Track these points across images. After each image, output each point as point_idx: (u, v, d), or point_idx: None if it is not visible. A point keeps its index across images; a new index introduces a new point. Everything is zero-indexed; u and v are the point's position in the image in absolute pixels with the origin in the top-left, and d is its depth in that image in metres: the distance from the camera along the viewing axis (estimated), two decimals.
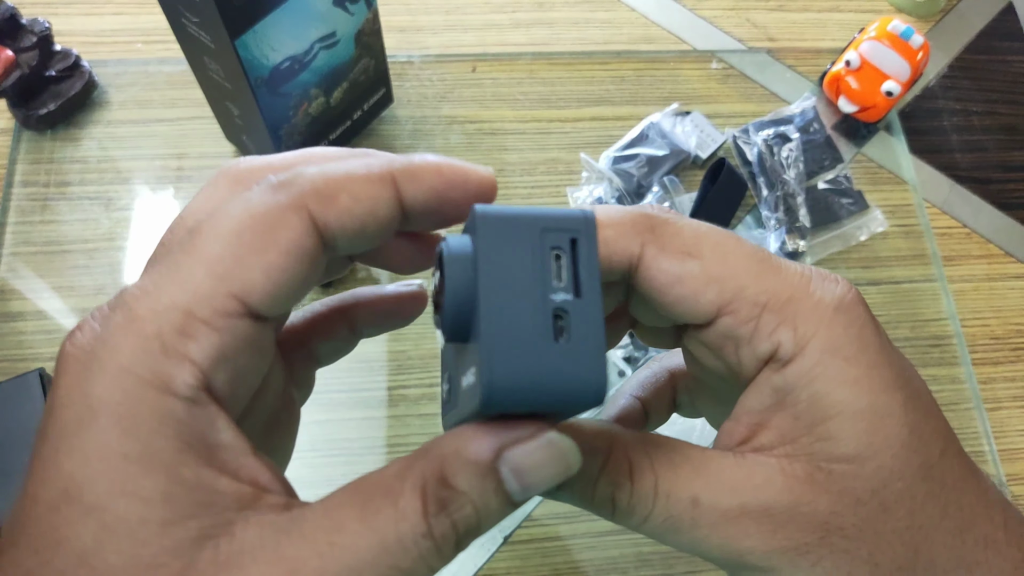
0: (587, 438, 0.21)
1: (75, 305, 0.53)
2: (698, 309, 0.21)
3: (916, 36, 0.61)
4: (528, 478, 0.17)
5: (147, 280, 0.17)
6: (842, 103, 0.62)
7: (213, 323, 0.16)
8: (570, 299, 0.18)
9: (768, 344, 0.21)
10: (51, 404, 0.17)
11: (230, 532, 0.16)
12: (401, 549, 0.16)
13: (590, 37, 0.67)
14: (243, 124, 0.53)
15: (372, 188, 0.18)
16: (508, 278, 0.18)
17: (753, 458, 0.21)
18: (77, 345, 0.17)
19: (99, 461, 0.15)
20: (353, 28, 0.51)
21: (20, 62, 0.57)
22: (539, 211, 0.18)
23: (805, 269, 0.21)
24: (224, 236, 0.17)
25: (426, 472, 0.17)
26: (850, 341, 0.20)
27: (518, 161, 0.60)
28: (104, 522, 0.15)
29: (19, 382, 0.46)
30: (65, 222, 0.56)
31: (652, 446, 0.21)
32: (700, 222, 0.22)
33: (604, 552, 0.48)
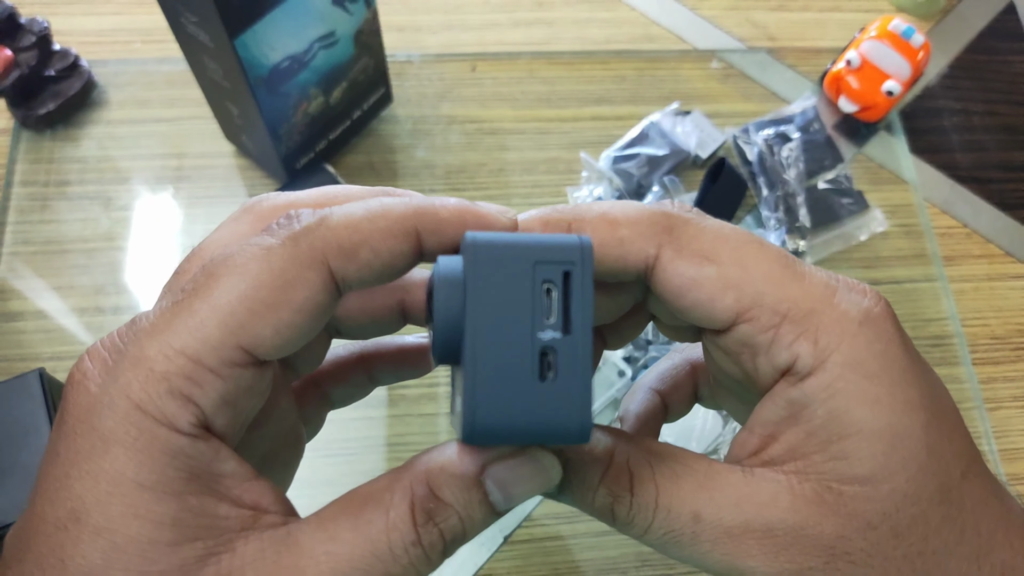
0: (589, 446, 0.21)
1: (75, 305, 0.53)
2: (714, 315, 0.20)
3: (917, 36, 0.61)
4: (511, 490, 0.19)
5: (160, 317, 0.18)
6: (842, 103, 0.62)
7: (219, 372, 0.17)
8: (559, 337, 0.18)
9: (787, 355, 0.20)
10: (62, 429, 0.18)
11: (232, 549, 0.17)
12: (392, 557, 0.18)
13: (590, 36, 0.67)
14: (242, 124, 0.53)
15: (395, 243, 0.19)
16: (496, 313, 0.17)
17: (761, 473, 0.20)
18: (87, 374, 0.18)
19: (111, 486, 0.17)
20: (352, 27, 0.51)
21: (19, 62, 0.57)
22: (533, 241, 0.18)
23: (831, 278, 0.21)
24: (239, 288, 0.17)
25: (414, 485, 0.18)
26: (873, 357, 0.20)
27: (518, 160, 0.60)
28: (114, 543, 0.16)
29: (19, 382, 0.46)
30: (64, 222, 0.56)
31: (656, 457, 0.20)
32: (723, 223, 0.21)
33: (604, 552, 0.48)
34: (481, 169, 0.59)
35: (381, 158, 0.60)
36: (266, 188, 0.58)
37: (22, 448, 0.45)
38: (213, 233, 0.21)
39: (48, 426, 0.44)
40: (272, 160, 0.54)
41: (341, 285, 0.18)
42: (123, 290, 0.54)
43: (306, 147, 0.56)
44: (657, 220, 0.20)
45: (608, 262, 0.20)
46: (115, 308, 0.53)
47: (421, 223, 0.19)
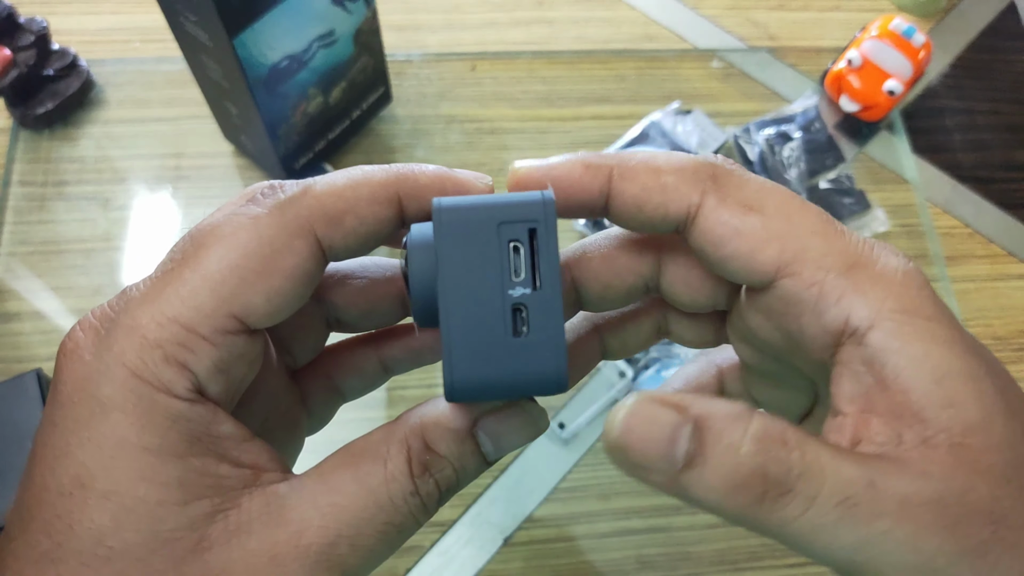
0: (722, 408, 0.19)
1: (72, 305, 0.53)
2: (755, 267, 0.19)
3: (918, 35, 0.61)
4: (502, 441, 0.20)
5: (151, 286, 0.18)
6: (844, 102, 0.62)
7: (212, 339, 0.18)
8: (528, 292, 0.18)
9: (836, 312, 0.19)
10: (56, 398, 0.18)
11: (237, 505, 0.18)
12: (392, 507, 0.18)
13: (590, 35, 0.66)
14: (241, 123, 0.53)
15: (378, 209, 0.19)
16: (467, 274, 0.18)
17: (892, 448, 0.18)
18: (80, 344, 0.18)
19: (115, 451, 0.17)
20: (352, 27, 0.51)
21: (17, 61, 0.56)
22: (497, 201, 0.18)
23: (865, 238, 0.20)
24: (229, 257, 0.18)
25: (410, 438, 0.19)
26: (927, 303, 0.19)
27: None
28: (123, 504, 0.17)
29: (16, 382, 0.46)
30: (62, 222, 0.56)
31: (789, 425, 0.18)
32: (766, 179, 0.20)
33: (605, 554, 0.48)
34: (481, 169, 0.59)
35: (380, 158, 0.59)
36: None
37: (20, 449, 0.44)
38: (208, 217, 0.21)
39: None
40: (271, 160, 0.54)
41: (328, 253, 0.19)
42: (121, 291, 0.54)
43: (305, 147, 0.55)
44: (701, 168, 0.20)
45: (649, 209, 0.20)
46: None
47: (402, 189, 0.19)
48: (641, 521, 0.49)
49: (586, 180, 0.20)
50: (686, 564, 0.48)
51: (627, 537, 0.49)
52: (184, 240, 0.19)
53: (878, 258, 0.19)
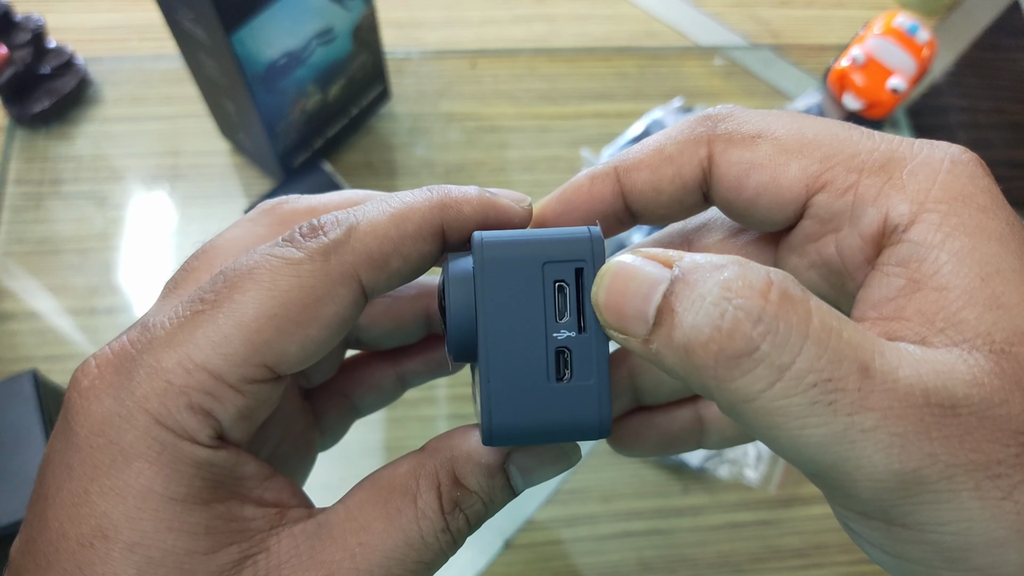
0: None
1: (68, 305, 0.52)
2: (782, 196, 0.17)
3: (922, 32, 0.60)
4: (533, 476, 0.19)
5: (179, 326, 0.17)
6: (847, 99, 0.61)
7: (239, 388, 0.17)
8: (573, 336, 0.17)
9: (874, 213, 0.16)
10: (72, 440, 0.17)
11: (266, 549, 0.17)
12: (424, 545, 0.18)
13: (591, 33, 0.66)
14: (239, 121, 0.52)
15: (423, 246, 0.18)
16: (509, 315, 0.17)
17: (918, 348, 0.15)
18: (98, 384, 0.17)
19: (140, 501, 0.16)
20: (350, 23, 0.50)
21: (14, 59, 0.56)
22: (542, 238, 0.18)
23: (903, 137, 0.18)
24: (267, 305, 0.17)
25: (439, 472, 0.18)
26: (979, 192, 0.16)
27: (518, 158, 0.59)
28: (149, 557, 0.16)
29: (11, 383, 0.46)
30: (58, 221, 0.55)
31: (801, 286, 0.15)
32: (770, 110, 0.19)
33: (605, 557, 0.48)
34: (481, 167, 0.59)
35: (379, 156, 0.59)
36: (263, 186, 0.57)
37: (15, 450, 0.44)
38: (226, 231, 0.20)
39: (41, 428, 0.43)
40: (269, 158, 0.54)
41: (369, 294, 0.18)
42: (117, 290, 0.53)
43: (303, 145, 0.55)
44: (698, 122, 0.19)
45: (666, 186, 0.19)
46: (109, 309, 0.53)
47: (446, 220, 0.18)
48: (642, 523, 0.49)
49: (596, 189, 0.20)
50: (687, 567, 0.48)
51: (628, 539, 0.48)
52: (216, 279, 0.17)
53: (920, 151, 0.17)
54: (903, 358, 0.15)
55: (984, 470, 0.14)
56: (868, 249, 0.17)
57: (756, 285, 0.14)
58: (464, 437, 0.19)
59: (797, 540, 0.49)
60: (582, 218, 0.20)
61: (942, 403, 0.14)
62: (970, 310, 0.15)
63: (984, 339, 0.15)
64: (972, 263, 0.15)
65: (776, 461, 0.50)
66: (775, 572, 0.48)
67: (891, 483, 0.14)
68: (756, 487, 0.50)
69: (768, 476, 0.50)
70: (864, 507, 0.15)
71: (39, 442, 0.42)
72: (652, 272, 0.16)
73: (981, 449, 0.14)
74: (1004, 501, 0.14)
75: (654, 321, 0.15)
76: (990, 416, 0.14)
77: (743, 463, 0.50)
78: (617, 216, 0.20)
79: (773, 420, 0.14)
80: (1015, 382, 0.14)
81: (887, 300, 0.16)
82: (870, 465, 0.14)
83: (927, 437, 0.14)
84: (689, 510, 0.49)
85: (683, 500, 0.49)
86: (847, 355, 0.14)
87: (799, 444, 0.14)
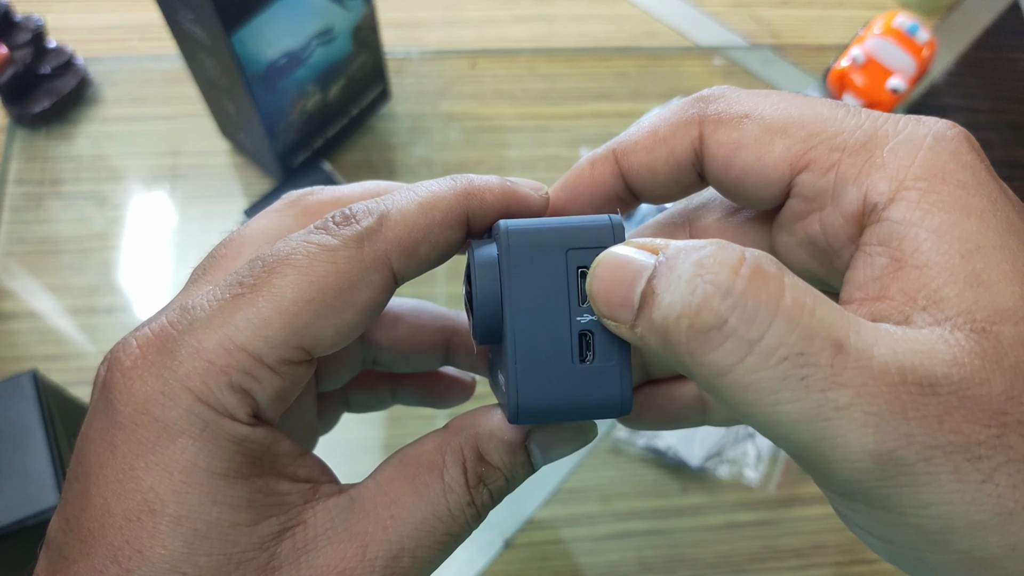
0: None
1: (69, 305, 0.52)
2: (767, 174, 0.18)
3: (922, 32, 0.60)
4: (552, 452, 0.20)
5: (219, 308, 0.18)
6: (847, 99, 0.61)
7: (277, 369, 0.18)
8: (595, 319, 0.18)
9: (855, 191, 0.17)
10: (114, 418, 0.17)
11: (303, 522, 0.18)
12: (451, 517, 0.19)
13: (591, 33, 0.66)
14: (239, 121, 0.52)
15: (450, 233, 0.19)
16: (534, 300, 0.18)
17: (898, 327, 0.15)
18: (139, 364, 0.17)
19: (185, 476, 0.17)
20: (350, 23, 0.50)
21: (14, 59, 0.56)
22: (565, 225, 0.18)
23: (890, 115, 0.18)
24: (306, 290, 0.17)
25: (464, 449, 0.19)
26: (960, 168, 0.16)
27: (518, 158, 0.59)
28: (195, 529, 0.17)
29: (11, 383, 0.46)
30: (59, 221, 0.55)
31: (775, 261, 0.15)
32: (762, 89, 0.19)
33: (605, 557, 0.48)
34: (480, 167, 0.59)
35: (379, 156, 0.59)
36: (263, 186, 0.57)
37: (15, 450, 0.44)
38: (253, 221, 0.21)
39: (41, 427, 0.43)
40: (269, 158, 0.54)
41: (399, 280, 0.19)
42: (117, 290, 0.53)
43: (303, 145, 0.55)
44: (690, 104, 0.19)
45: (660, 166, 0.20)
46: (109, 308, 0.53)
47: (470, 208, 0.19)
48: (642, 523, 0.49)
49: (597, 173, 0.20)
50: (686, 566, 0.48)
51: (628, 539, 0.48)
52: (254, 263, 0.18)
53: (904, 127, 0.17)
54: (879, 336, 0.14)
55: (964, 451, 0.14)
56: (850, 228, 0.17)
57: (728, 262, 0.15)
58: (487, 416, 0.20)
59: (796, 540, 0.49)
60: (587, 201, 0.21)
61: (919, 382, 0.14)
62: (951, 287, 0.15)
63: (965, 317, 0.15)
64: (952, 240, 0.15)
65: (776, 461, 0.50)
66: (774, 572, 0.48)
67: (868, 464, 0.14)
68: (756, 487, 0.50)
69: (768, 476, 0.50)
70: (844, 488, 0.15)
71: (39, 442, 0.42)
72: (639, 259, 0.16)
73: (960, 430, 0.14)
74: (985, 484, 0.14)
75: (639, 305, 0.16)
76: (970, 396, 0.14)
77: (743, 463, 0.50)
78: (620, 196, 0.21)
79: (747, 395, 0.14)
80: (996, 362, 0.14)
81: (872, 280, 0.16)
82: (845, 445, 0.14)
83: (903, 417, 0.14)
84: (689, 510, 0.49)
85: (683, 500, 0.49)
86: (819, 331, 0.14)
87: (774, 420, 0.14)
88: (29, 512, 0.37)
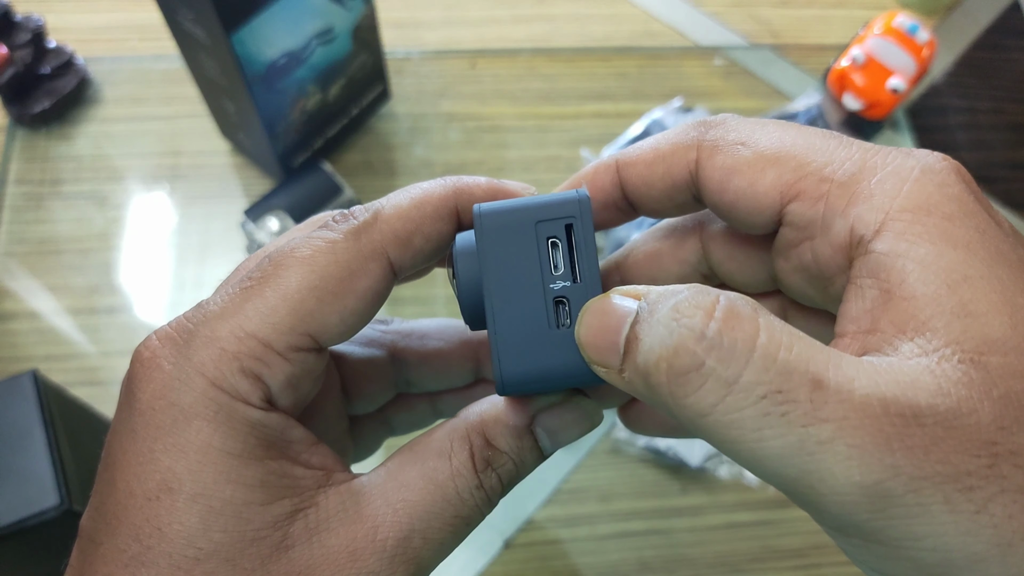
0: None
1: (69, 305, 0.53)
2: (759, 200, 0.18)
3: (922, 32, 0.60)
4: (558, 436, 0.20)
5: (230, 300, 0.19)
6: (847, 100, 0.61)
7: (286, 355, 0.19)
8: (569, 285, 0.19)
9: (842, 223, 0.17)
10: (134, 406, 0.18)
11: (315, 504, 0.19)
12: (460, 500, 0.19)
13: (591, 32, 0.66)
14: (239, 121, 0.52)
15: (441, 225, 0.20)
16: (509, 273, 0.19)
17: (885, 359, 0.15)
18: (158, 353, 0.19)
19: (201, 456, 0.18)
20: (350, 23, 0.50)
21: (14, 59, 0.56)
22: (534, 202, 0.19)
23: (881, 146, 0.18)
24: (308, 279, 0.19)
25: (471, 434, 0.20)
26: (945, 200, 0.16)
27: (518, 158, 0.59)
28: (211, 507, 0.18)
29: (12, 383, 0.46)
30: (59, 221, 0.55)
31: (753, 304, 0.16)
32: (761, 118, 0.20)
33: (605, 557, 0.48)
34: (481, 167, 0.59)
35: (379, 156, 0.59)
36: (263, 186, 0.57)
37: (16, 450, 0.44)
38: (277, 240, 0.22)
39: (41, 428, 0.43)
40: (269, 158, 0.54)
41: (397, 272, 0.20)
42: (118, 290, 0.53)
43: (303, 145, 0.55)
44: (692, 127, 0.20)
45: (657, 182, 0.20)
46: (109, 308, 0.53)
47: (460, 202, 0.20)
48: (642, 523, 0.49)
49: (598, 180, 0.21)
50: (686, 567, 0.48)
51: (627, 539, 0.48)
52: (263, 260, 0.19)
53: (892, 159, 0.17)
54: (861, 370, 0.15)
55: (953, 482, 0.14)
56: (839, 258, 0.17)
57: (702, 305, 0.15)
58: (493, 403, 0.21)
59: (796, 540, 0.49)
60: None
61: (902, 413, 0.14)
62: (939, 318, 0.15)
63: (953, 348, 0.15)
64: (937, 270, 0.15)
65: None
66: (774, 572, 0.48)
67: (856, 496, 0.14)
68: (755, 487, 0.50)
69: None
70: (838, 523, 0.15)
71: (40, 442, 0.42)
72: (623, 305, 0.17)
73: (948, 460, 0.14)
74: (979, 515, 0.14)
75: (624, 350, 0.16)
76: (957, 426, 0.14)
77: None
78: (618, 205, 0.22)
79: (730, 434, 0.15)
80: (984, 392, 0.14)
81: (864, 312, 0.16)
82: (831, 478, 0.14)
83: (887, 448, 0.14)
84: (688, 510, 0.49)
85: (682, 500, 0.49)
86: (797, 368, 0.14)
87: (759, 456, 0.14)
88: (29, 512, 0.37)
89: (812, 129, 0.19)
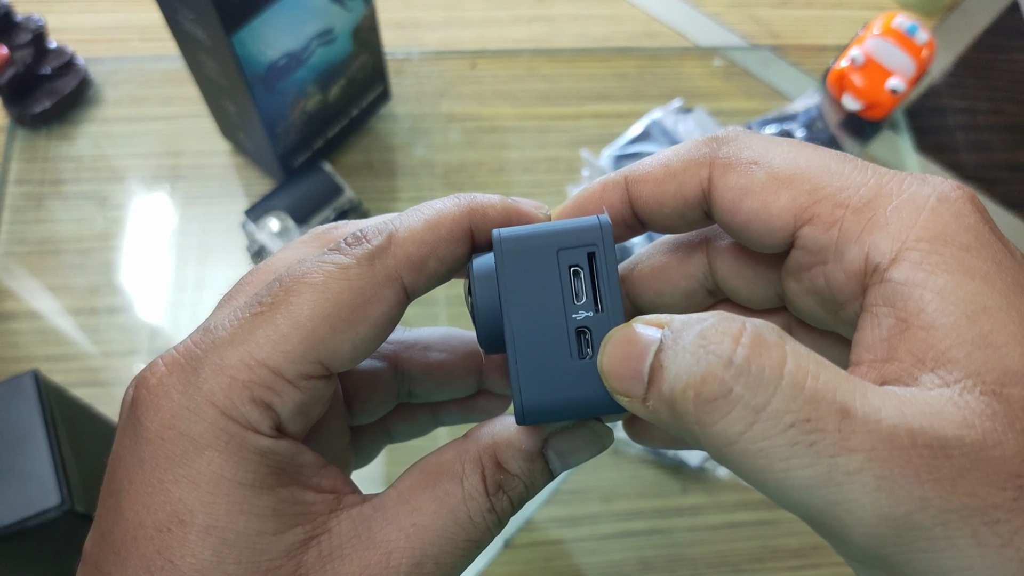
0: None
1: (69, 305, 0.53)
2: (772, 223, 0.18)
3: (921, 33, 0.60)
4: (569, 459, 0.20)
5: (240, 327, 0.18)
6: (846, 100, 0.61)
7: (296, 383, 0.18)
8: (591, 315, 0.18)
9: (857, 250, 0.17)
10: (142, 435, 0.18)
11: (328, 530, 0.19)
12: (472, 524, 0.19)
13: (591, 33, 0.66)
14: (239, 122, 0.52)
15: (456, 248, 0.20)
16: (530, 302, 0.19)
17: (907, 389, 0.15)
18: (165, 380, 0.18)
19: (212, 487, 0.17)
20: (350, 24, 0.51)
21: (14, 59, 0.56)
22: (555, 228, 0.19)
23: (895, 171, 0.18)
24: (321, 306, 0.18)
25: (483, 457, 0.20)
26: (964, 230, 0.16)
27: (518, 159, 0.60)
28: (224, 538, 0.17)
29: (13, 383, 0.46)
30: (59, 221, 0.55)
31: (778, 330, 0.16)
32: (774, 136, 0.19)
33: (606, 556, 0.48)
34: (481, 168, 0.59)
35: (379, 156, 0.59)
36: (263, 187, 0.57)
37: (16, 451, 0.44)
38: (279, 252, 0.22)
39: (42, 428, 0.43)
40: (269, 158, 0.54)
41: (411, 295, 0.20)
42: (118, 290, 0.53)
43: (303, 145, 0.55)
44: (704, 143, 0.20)
45: (668, 199, 0.20)
46: (110, 308, 0.53)
47: (474, 223, 0.20)
48: (643, 523, 0.49)
49: (607, 196, 0.21)
50: (686, 566, 0.48)
51: (628, 539, 0.48)
52: (272, 284, 0.19)
53: (909, 186, 0.17)
54: (887, 400, 0.15)
55: (981, 515, 0.14)
56: (852, 285, 0.17)
57: (729, 332, 0.15)
58: (504, 425, 0.20)
59: (796, 540, 0.49)
60: None
61: (930, 444, 0.14)
62: (958, 349, 0.15)
63: (975, 380, 0.15)
64: (956, 301, 0.15)
65: None
66: (774, 572, 0.48)
67: (884, 528, 0.14)
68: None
69: None
70: (863, 555, 0.15)
71: (40, 442, 0.42)
72: (647, 335, 0.17)
73: (976, 493, 0.14)
74: (1004, 548, 0.14)
75: (648, 379, 0.16)
76: (983, 459, 0.14)
77: None
78: (626, 222, 0.21)
79: (757, 463, 0.14)
80: (1008, 424, 0.14)
81: (880, 341, 0.16)
82: (859, 509, 0.14)
83: (916, 480, 0.14)
84: (689, 510, 0.49)
85: (683, 500, 0.49)
86: (824, 396, 0.14)
87: (786, 486, 0.14)
88: (30, 513, 0.37)
89: (825, 150, 0.19)
